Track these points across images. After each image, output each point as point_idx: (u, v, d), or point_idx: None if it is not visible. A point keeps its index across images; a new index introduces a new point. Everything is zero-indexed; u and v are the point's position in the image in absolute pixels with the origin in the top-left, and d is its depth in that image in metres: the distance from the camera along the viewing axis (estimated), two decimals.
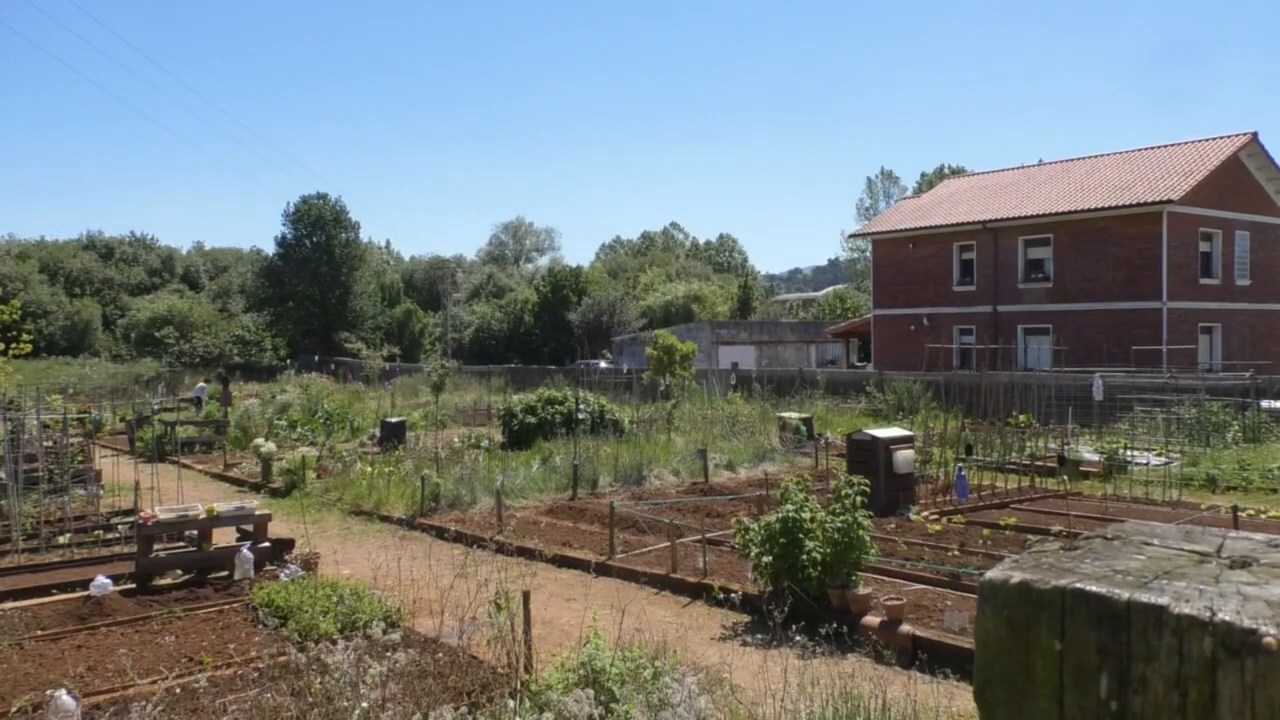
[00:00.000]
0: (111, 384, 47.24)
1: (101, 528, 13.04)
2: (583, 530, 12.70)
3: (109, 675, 6.90)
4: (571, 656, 6.39)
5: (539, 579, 8.39)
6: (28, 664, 7.13)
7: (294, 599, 8.43)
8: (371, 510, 14.75)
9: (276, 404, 28.44)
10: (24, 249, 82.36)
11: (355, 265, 67.26)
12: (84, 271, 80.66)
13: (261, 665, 6.80)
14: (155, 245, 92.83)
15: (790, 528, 8.54)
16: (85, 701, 5.93)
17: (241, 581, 9.91)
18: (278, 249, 66.87)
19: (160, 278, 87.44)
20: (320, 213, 65.93)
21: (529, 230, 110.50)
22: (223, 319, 70.14)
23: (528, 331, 67.58)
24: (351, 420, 26.64)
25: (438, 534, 12.86)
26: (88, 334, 71.58)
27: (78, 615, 8.75)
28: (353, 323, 64.86)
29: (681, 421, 22.68)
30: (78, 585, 9.67)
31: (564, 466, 16.46)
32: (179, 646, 7.57)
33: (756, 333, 51.87)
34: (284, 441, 22.08)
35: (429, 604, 7.95)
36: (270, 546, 10.83)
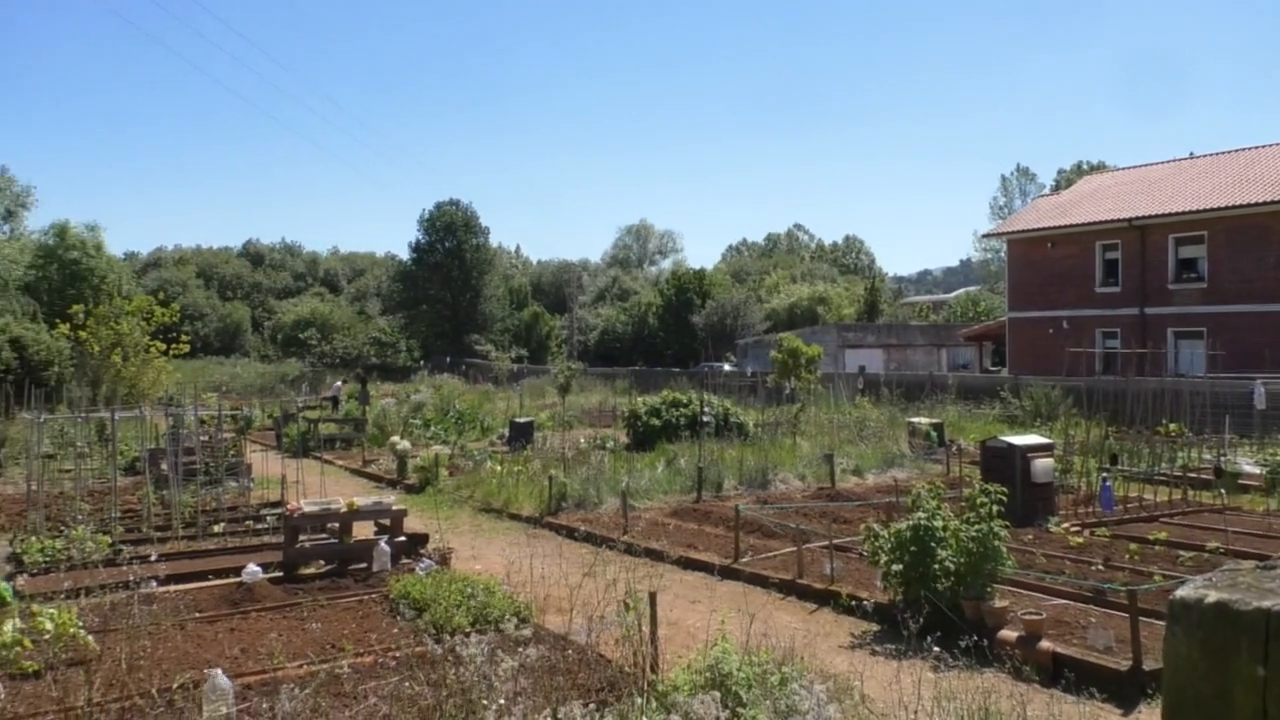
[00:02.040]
0: (260, 383, 49.93)
1: (252, 518, 13.78)
2: (707, 533, 12.67)
3: (260, 657, 7.27)
4: (698, 659, 6.38)
5: (664, 580, 8.40)
6: (188, 644, 7.59)
7: (429, 592, 8.70)
8: (501, 508, 15.10)
9: (411, 403, 29.44)
10: (183, 255, 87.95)
11: (485, 270, 69.04)
12: (235, 277, 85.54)
13: (399, 655, 7.05)
14: (300, 251, 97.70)
15: (921, 536, 8.31)
16: (238, 682, 6.26)
17: (380, 573, 10.29)
18: (412, 254, 69.31)
19: (304, 282, 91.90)
20: (452, 219, 67.98)
21: (652, 233, 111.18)
22: (360, 321, 73.15)
23: (651, 334, 67.95)
24: (481, 420, 27.35)
25: (565, 533, 13.08)
26: (238, 335, 75.82)
27: (231, 600, 9.27)
28: (482, 325, 66.58)
29: (807, 425, 22.38)
30: (230, 572, 10.24)
31: (688, 469, 16.47)
32: (323, 633, 7.92)
33: (884, 336, 50.74)
34: (418, 440, 22.83)
35: (557, 601, 8.08)
36: (406, 541, 11.22)
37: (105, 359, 34.79)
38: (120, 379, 33.96)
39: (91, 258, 55.61)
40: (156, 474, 15.45)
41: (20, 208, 63.43)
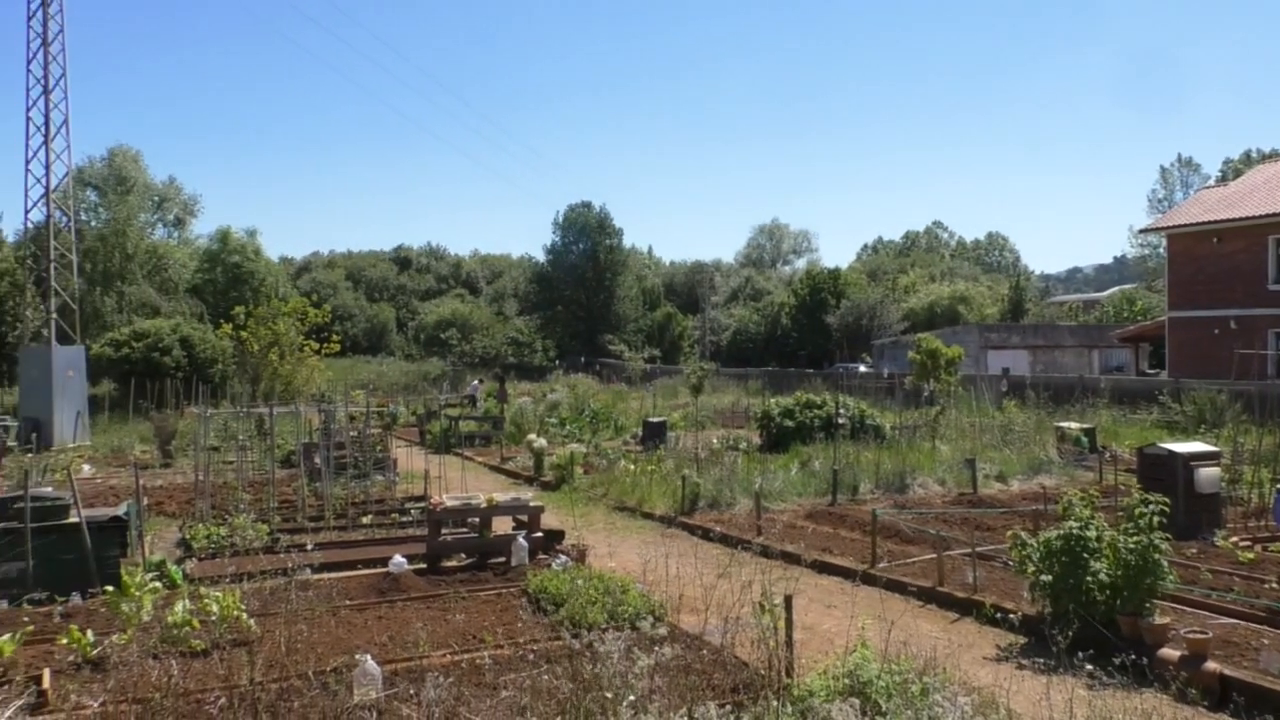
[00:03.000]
0: (404, 381, 51.93)
1: (397, 511, 14.33)
2: (843, 536, 12.44)
3: (406, 645, 7.54)
4: (835, 664, 6.26)
5: (799, 584, 8.27)
6: (340, 630, 7.95)
7: (565, 588, 8.85)
8: (634, 507, 15.22)
9: (547, 402, 30.04)
10: (334, 259, 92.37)
11: (618, 270, 69.81)
12: (382, 279, 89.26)
13: (537, 648, 7.19)
14: (444, 255, 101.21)
15: (1073, 546, 7.92)
16: (386, 668, 6.51)
17: (517, 568, 10.53)
18: (547, 256, 70.74)
19: (446, 284, 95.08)
20: (586, 220, 69.04)
21: (786, 233, 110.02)
22: (499, 322, 75.16)
23: (784, 334, 67.25)
24: (615, 419, 27.65)
25: (699, 533, 13.08)
26: (384, 335, 79.06)
27: (379, 589, 9.66)
28: (616, 325, 67.35)
29: (947, 429, 21.69)
30: (378, 562, 10.67)
31: (823, 471, 16.21)
32: (465, 624, 8.16)
33: (1030, 336, 48.68)
34: (554, 438, 23.27)
35: (691, 601, 8.08)
36: (543, 537, 11.44)
37: (264, 357, 36.89)
38: (277, 376, 35.92)
39: (251, 261, 59.12)
40: (310, 467, 16.28)
41: (188, 215, 67.88)
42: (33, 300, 30.83)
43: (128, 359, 35.21)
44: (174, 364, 35.18)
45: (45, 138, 28.62)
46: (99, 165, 57.85)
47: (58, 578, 9.34)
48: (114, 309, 47.75)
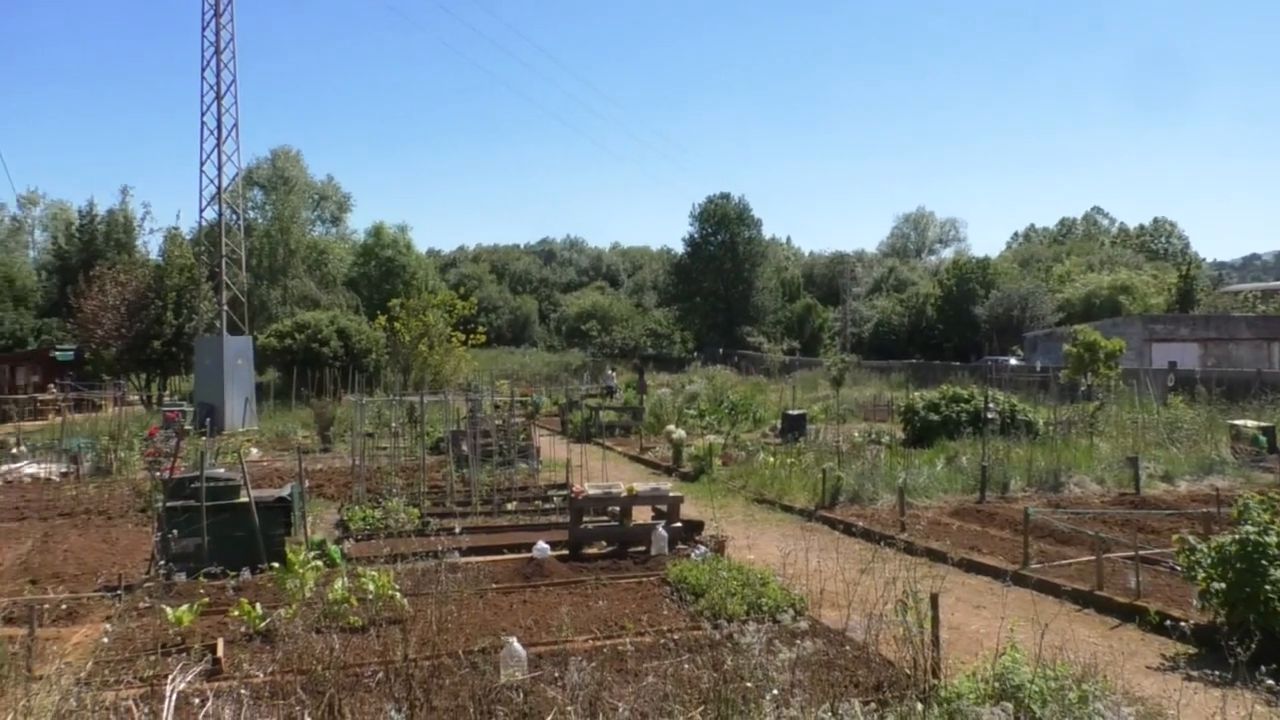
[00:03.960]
0: (546, 371, 53.09)
1: (540, 498, 14.66)
2: (991, 535, 11.99)
3: (550, 629, 7.72)
4: (984, 666, 6.04)
5: (945, 582, 8.02)
6: (487, 612, 8.20)
7: (704, 578, 8.86)
8: (774, 499, 15.10)
9: (685, 394, 30.14)
10: (479, 253, 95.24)
11: (757, 262, 69.27)
12: (525, 272, 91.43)
13: (677, 637, 7.23)
14: (585, 247, 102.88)
15: (1249, 552, 7.38)
16: (530, 650, 6.67)
17: (657, 557, 10.61)
18: (686, 247, 70.84)
19: (587, 276, 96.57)
20: (725, 211, 68.77)
21: (931, 221, 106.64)
22: (638, 313, 75.79)
23: (929, 326, 65.23)
24: (754, 411, 27.49)
25: (840, 527, 12.86)
26: (527, 326, 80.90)
27: (523, 574, 9.91)
28: (754, 317, 66.88)
29: (1106, 425, 20.60)
30: (522, 547, 10.94)
31: (970, 467, 15.67)
32: (606, 611, 8.28)
33: (1200, 328, 45.57)
34: (692, 429, 23.33)
35: (832, 597, 7.96)
36: (682, 527, 11.48)
37: (414, 348, 38.41)
38: (427, 366, 37.34)
39: (403, 255, 61.61)
40: (458, 454, 16.85)
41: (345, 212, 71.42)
42: (206, 293, 33.04)
43: (290, 349, 37.28)
44: (332, 354, 37.02)
45: (218, 141, 30.61)
46: (264, 166, 61.52)
47: (229, 553, 9.98)
48: (278, 301, 50.72)
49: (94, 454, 19.21)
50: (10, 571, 10.55)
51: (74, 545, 11.92)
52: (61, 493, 16.39)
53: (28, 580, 9.93)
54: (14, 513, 14.47)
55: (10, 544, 12.09)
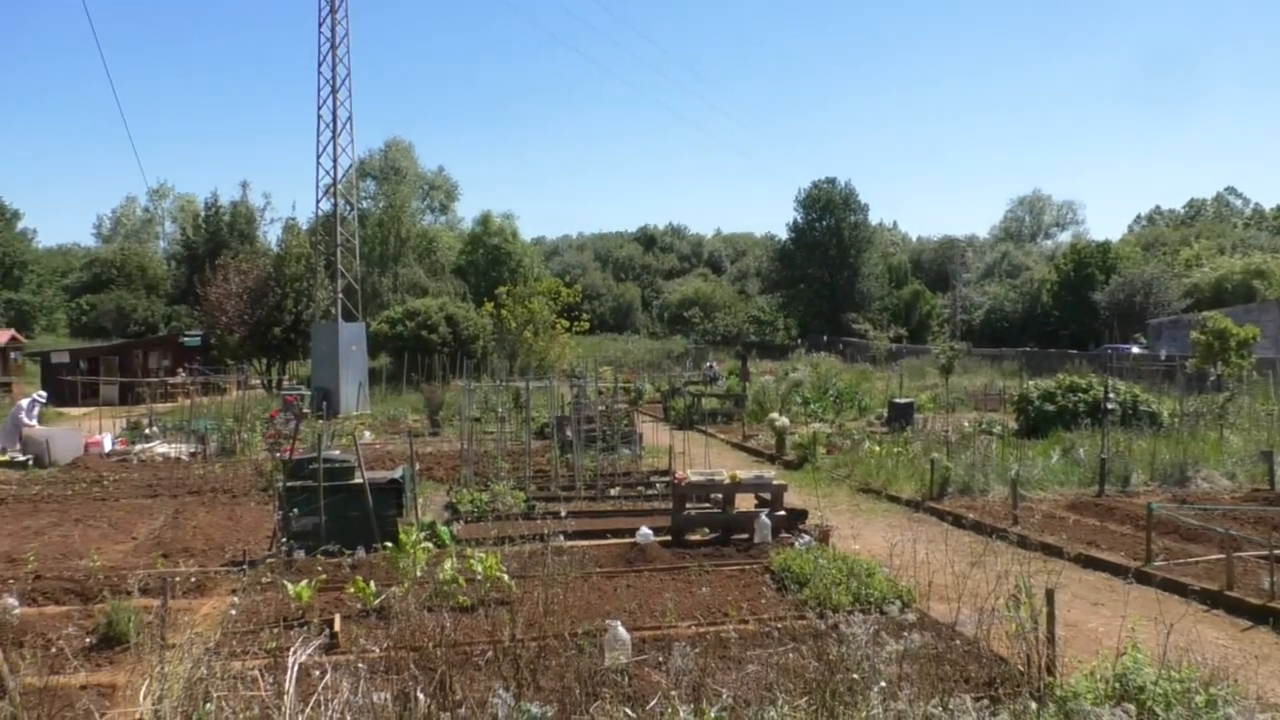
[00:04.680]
0: (648, 358, 53.31)
1: (642, 484, 14.75)
2: (1111, 530, 11.51)
3: (653, 614, 7.76)
4: (1102, 666, 5.82)
5: (1061, 578, 7.74)
6: (591, 595, 8.30)
7: (808, 567, 8.77)
8: (879, 489, 14.84)
9: (789, 381, 29.83)
10: (584, 241, 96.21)
11: (863, 247, 68.06)
12: (628, 259, 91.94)
13: (781, 625, 7.18)
14: (687, 234, 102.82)
15: None
16: (634, 635, 6.72)
17: (760, 545, 10.55)
18: (790, 233, 70.05)
19: (689, 263, 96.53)
20: (830, 197, 67.72)
21: (1048, 204, 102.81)
22: (740, 300, 75.41)
23: (1045, 313, 62.97)
24: (859, 399, 27.06)
25: (949, 519, 12.55)
26: (630, 313, 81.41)
27: (626, 558, 9.99)
28: (860, 304, 65.77)
29: (1237, 417, 19.54)
30: (626, 532, 11.03)
31: (1088, 460, 15.08)
32: (709, 598, 8.28)
33: None
34: (795, 417, 23.10)
35: (941, 590, 7.77)
36: (785, 515, 11.39)
37: (520, 334, 39.08)
38: (532, 352, 37.93)
39: (509, 243, 62.71)
40: (562, 439, 17.08)
41: (453, 201, 73.09)
42: (322, 281, 34.27)
43: (401, 335, 38.39)
44: (441, 340, 37.97)
45: (333, 133, 31.66)
46: (376, 157, 63.40)
47: (345, 532, 10.35)
48: (389, 289, 52.26)
49: (219, 435, 20.18)
50: (145, 545, 11.19)
51: (201, 522, 12.55)
52: (190, 471, 17.29)
53: (160, 554, 10.51)
54: (147, 490, 15.33)
55: (144, 519, 12.82)
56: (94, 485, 15.84)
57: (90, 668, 6.64)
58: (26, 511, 13.57)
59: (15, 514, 13.39)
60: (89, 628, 7.59)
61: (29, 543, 11.22)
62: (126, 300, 66.80)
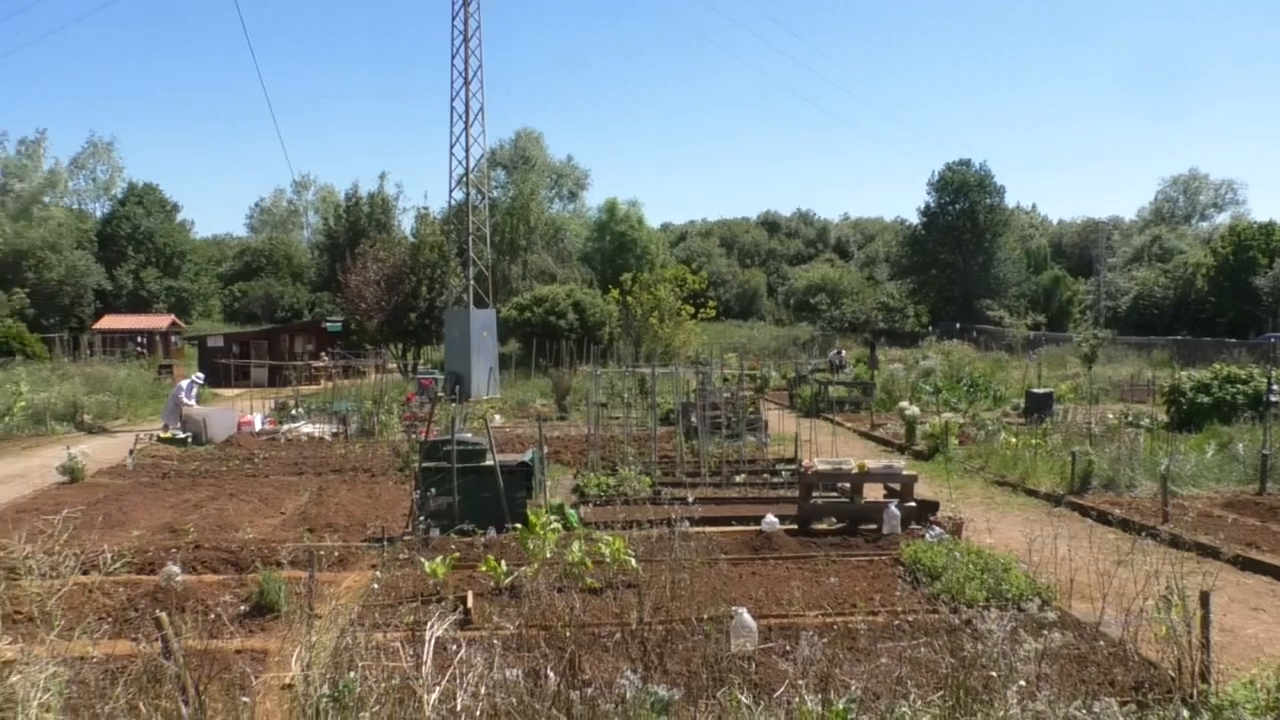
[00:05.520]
0: (773, 345, 52.87)
1: (768, 472, 14.64)
2: (1273, 531, 10.78)
3: (780, 602, 7.71)
4: (1263, 674, 5.46)
5: (1217, 580, 7.29)
6: (716, 581, 8.28)
7: (940, 560, 8.54)
8: (1015, 482, 14.30)
9: (919, 369, 29.10)
10: (709, 227, 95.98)
11: (999, 231, 65.59)
12: (753, 245, 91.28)
13: (912, 619, 7.02)
14: (813, 219, 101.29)
15: None
16: (759, 622, 6.68)
17: (889, 536, 10.33)
18: (921, 218, 68.10)
19: (815, 248, 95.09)
20: (964, 179, 65.47)
21: (1204, 184, 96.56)
22: (869, 286, 73.86)
23: (1199, 299, 59.31)
24: (994, 389, 26.16)
25: (1092, 515, 12.01)
26: (755, 300, 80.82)
27: (752, 546, 9.94)
28: (995, 290, 63.44)
29: None
30: (751, 520, 10.97)
31: (1248, 455, 14.16)
32: (837, 588, 8.16)
33: None
34: (926, 406, 22.50)
35: (1083, 588, 7.45)
36: (916, 506, 11.10)
37: (646, 321, 39.32)
38: (657, 339, 38.14)
39: (635, 230, 63.12)
40: (687, 425, 17.11)
41: (580, 189, 74.02)
42: (455, 269, 35.27)
43: (529, 321, 39.19)
44: (568, 326, 38.58)
45: (465, 125, 32.49)
46: (507, 147, 64.74)
47: (477, 512, 10.66)
48: (518, 276, 53.42)
49: (359, 417, 21.06)
50: (292, 520, 11.79)
51: (343, 499, 13.15)
52: (332, 451, 18.12)
53: (306, 528, 11.06)
54: (294, 467, 16.15)
55: (291, 495, 13.52)
56: (245, 462, 16.79)
57: (244, 634, 7.05)
58: (186, 485, 14.51)
59: (177, 487, 14.33)
60: (243, 596, 8.06)
61: (189, 515, 11.99)
62: (274, 287, 70.55)
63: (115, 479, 15.18)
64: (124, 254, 63.90)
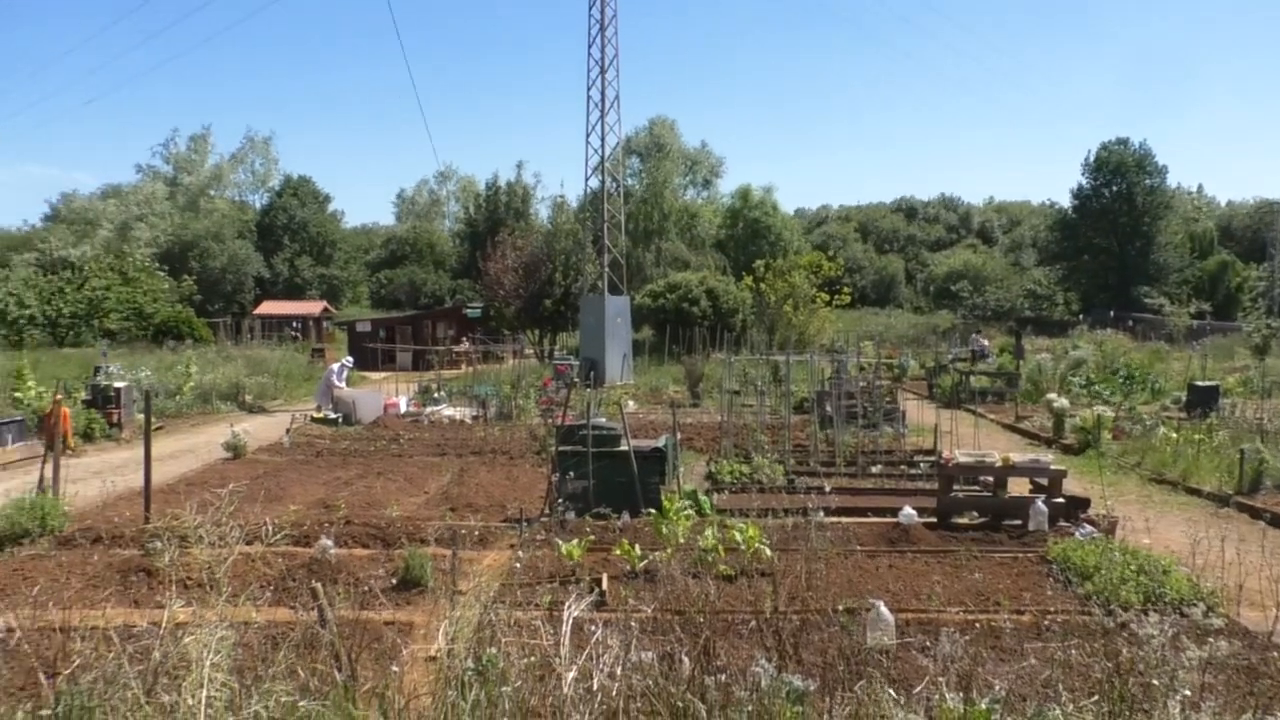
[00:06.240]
0: (911, 333, 51.44)
1: (905, 463, 14.28)
2: None
3: (919, 597, 7.51)
4: None
5: None
6: (852, 573, 8.15)
7: (1091, 560, 8.13)
8: (1175, 481, 13.48)
9: (1069, 359, 27.78)
10: (846, 213, 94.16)
11: (1159, 214, 61.78)
12: (891, 231, 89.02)
13: (1061, 620, 6.71)
14: (956, 204, 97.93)
15: None
16: (897, 616, 6.53)
17: (1035, 533, 9.91)
18: (1073, 201, 64.82)
19: (957, 234, 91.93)
20: (1121, 160, 61.90)
21: None
22: (1014, 273, 70.92)
23: None
24: (1151, 381, 24.72)
25: (1265, 517, 11.22)
26: (892, 287, 78.84)
27: (888, 538, 9.72)
28: (1154, 276, 59.85)
29: None
30: (887, 511, 10.73)
31: None
32: (979, 584, 7.88)
33: None
34: (1076, 399, 21.48)
35: (1253, 595, 6.98)
36: (1064, 503, 10.62)
37: (779, 308, 38.90)
38: (791, 326, 37.66)
39: (769, 217, 62.52)
40: (821, 414, 16.85)
41: (714, 176, 73.73)
42: (590, 256, 35.74)
43: (663, 308, 39.35)
44: (701, 313, 38.54)
45: (601, 113, 32.82)
46: (641, 134, 65.06)
47: (611, 497, 10.80)
48: (652, 263, 53.69)
49: (498, 400, 21.64)
50: (434, 499, 12.23)
51: (483, 480, 13.54)
52: (472, 433, 18.68)
53: (448, 508, 11.45)
54: (436, 449, 16.74)
55: (434, 475, 14.01)
56: (391, 443, 17.51)
57: (392, 606, 7.35)
58: (337, 464, 15.24)
59: (329, 465, 15.08)
60: (390, 570, 8.41)
61: (340, 491, 12.59)
62: (418, 275, 73.23)
63: (273, 456, 16.09)
64: (280, 243, 67.59)
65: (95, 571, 8.44)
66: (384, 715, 3.83)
